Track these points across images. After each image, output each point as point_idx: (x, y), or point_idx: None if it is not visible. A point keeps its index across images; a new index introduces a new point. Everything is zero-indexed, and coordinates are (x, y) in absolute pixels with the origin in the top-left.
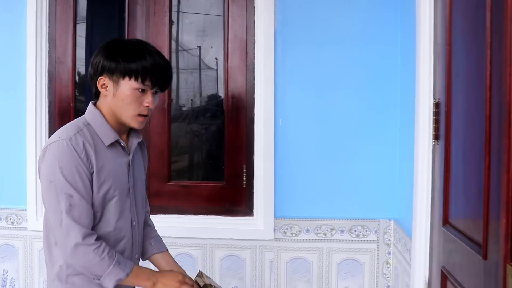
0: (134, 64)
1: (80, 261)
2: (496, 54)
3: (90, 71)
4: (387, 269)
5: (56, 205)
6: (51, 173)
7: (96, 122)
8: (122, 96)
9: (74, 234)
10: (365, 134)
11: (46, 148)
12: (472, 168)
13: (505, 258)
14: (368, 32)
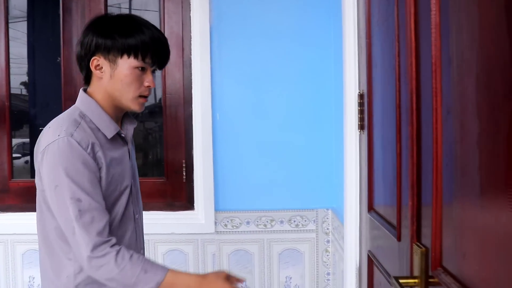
0: (133, 40)
1: (100, 275)
2: (403, 46)
3: (79, 52)
4: (327, 257)
5: (66, 212)
6: (55, 177)
7: (93, 113)
8: (121, 76)
9: (84, 247)
10: (301, 127)
11: (45, 150)
12: (389, 156)
13: (411, 238)
14: (303, 28)
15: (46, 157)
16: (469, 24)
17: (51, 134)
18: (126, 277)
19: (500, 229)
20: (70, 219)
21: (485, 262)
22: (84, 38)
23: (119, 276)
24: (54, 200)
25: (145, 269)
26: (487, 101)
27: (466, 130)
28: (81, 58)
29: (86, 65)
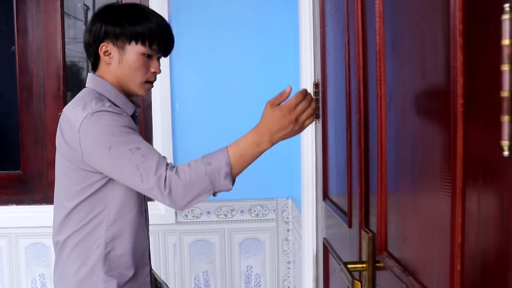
0: (141, 27)
1: (188, 196)
2: (352, 35)
3: (88, 39)
4: (287, 245)
5: (130, 166)
6: (105, 142)
7: (110, 93)
8: (129, 62)
9: (161, 186)
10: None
11: (81, 126)
12: (341, 144)
13: (360, 224)
14: (262, 18)
15: (86, 131)
16: (407, 13)
17: (81, 111)
18: (199, 183)
19: (434, 212)
20: (136, 169)
21: (422, 244)
22: (92, 25)
23: (198, 182)
24: (112, 161)
25: (208, 162)
26: (422, 89)
27: (405, 117)
28: (89, 45)
29: (95, 51)
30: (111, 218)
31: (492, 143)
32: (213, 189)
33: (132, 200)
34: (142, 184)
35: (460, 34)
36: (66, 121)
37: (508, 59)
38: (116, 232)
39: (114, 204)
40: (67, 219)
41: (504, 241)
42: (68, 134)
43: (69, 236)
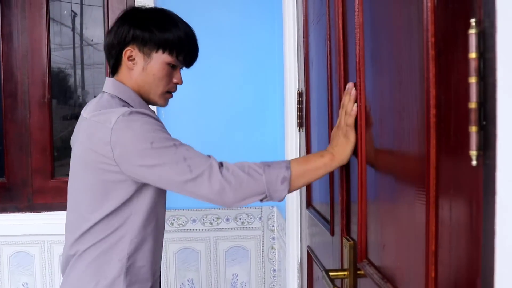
0: (170, 35)
1: (240, 192)
2: (334, 45)
3: (111, 41)
4: (272, 253)
5: (175, 157)
6: (145, 137)
7: (134, 101)
8: (154, 71)
9: (213, 177)
10: (247, 124)
11: (113, 129)
12: None
13: (342, 232)
14: (247, 26)
15: (122, 128)
16: (385, 25)
17: (114, 112)
18: (255, 180)
19: (410, 221)
20: (182, 161)
21: (399, 251)
22: (118, 27)
23: (252, 184)
24: (154, 157)
25: (268, 165)
26: (399, 99)
27: (384, 127)
28: (112, 47)
29: (117, 54)
30: (135, 231)
31: (462, 153)
32: (266, 192)
33: (155, 211)
34: (190, 172)
35: (432, 47)
36: (93, 124)
37: (474, 71)
38: (139, 244)
39: (138, 217)
40: (88, 232)
41: (474, 247)
42: (97, 136)
43: (88, 248)
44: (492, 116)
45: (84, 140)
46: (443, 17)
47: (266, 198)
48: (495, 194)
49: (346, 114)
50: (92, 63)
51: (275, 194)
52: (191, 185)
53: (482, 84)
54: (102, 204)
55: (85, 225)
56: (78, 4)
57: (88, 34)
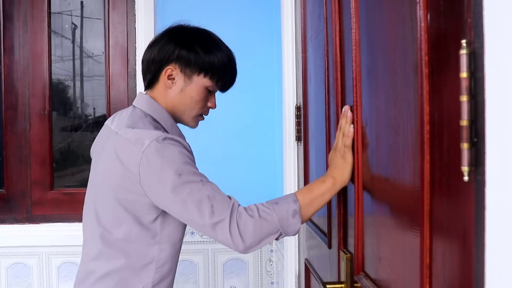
0: (216, 59)
1: (257, 235)
2: (331, 61)
3: (154, 56)
4: (270, 266)
5: (199, 195)
6: (175, 168)
7: (167, 122)
8: (193, 93)
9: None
10: (245, 137)
11: (145, 151)
12: (321, 166)
13: (339, 245)
14: (246, 41)
15: (154, 153)
16: (380, 43)
17: (147, 133)
18: (270, 222)
19: (404, 235)
20: (204, 199)
21: (394, 264)
22: (165, 44)
23: (266, 226)
24: (179, 189)
25: (275, 202)
26: (394, 115)
27: (379, 142)
28: (153, 62)
29: (157, 70)
30: (163, 260)
31: (454, 168)
32: (280, 230)
33: (181, 239)
34: (211, 216)
35: (425, 65)
36: (124, 142)
37: (465, 90)
38: (165, 274)
39: (165, 247)
40: (111, 249)
41: (466, 260)
42: (127, 154)
43: (114, 270)
44: (482, 133)
45: (112, 155)
46: (436, 37)
47: (282, 235)
48: (485, 208)
49: (344, 135)
50: (92, 75)
51: (289, 229)
52: (209, 230)
53: (473, 102)
54: (126, 220)
55: (108, 240)
56: (79, 17)
57: (88, 47)
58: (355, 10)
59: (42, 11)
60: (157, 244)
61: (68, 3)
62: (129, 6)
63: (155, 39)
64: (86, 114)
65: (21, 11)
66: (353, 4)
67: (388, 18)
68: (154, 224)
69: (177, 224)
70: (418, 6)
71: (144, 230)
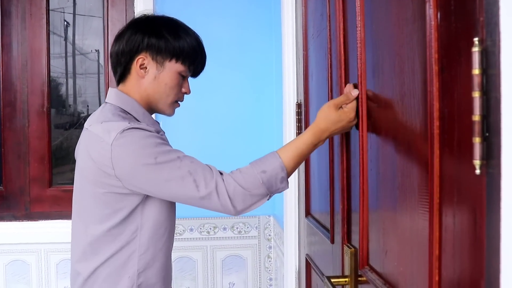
0: (185, 44)
1: (246, 202)
2: (334, 58)
3: (123, 48)
4: (269, 262)
5: (181, 172)
6: (148, 152)
7: (138, 112)
8: (166, 80)
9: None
10: (244, 135)
11: (114, 142)
12: (323, 163)
13: (342, 239)
14: (245, 36)
15: (122, 144)
16: (387, 41)
17: (114, 125)
18: (257, 191)
19: (413, 227)
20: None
21: (402, 257)
22: (131, 35)
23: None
24: (158, 171)
25: (262, 170)
26: (401, 112)
27: (386, 138)
28: (122, 54)
29: (127, 61)
30: (144, 246)
31: (465, 162)
32: (269, 194)
33: (164, 224)
34: (196, 190)
35: (435, 63)
36: (93, 137)
37: (478, 86)
38: (149, 261)
39: (145, 231)
40: (94, 247)
41: (477, 252)
42: (96, 150)
43: (98, 267)
44: (496, 128)
45: (84, 153)
46: (446, 35)
47: (270, 197)
48: (500, 200)
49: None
50: (85, 72)
51: (277, 191)
52: (198, 202)
53: (485, 98)
54: (106, 215)
55: (87, 239)
56: (79, 14)
57: (87, 44)
58: (360, 9)
59: (41, 8)
60: (138, 230)
61: (67, 1)
62: (128, 4)
63: (121, 31)
64: (80, 112)
65: (20, 8)
66: (358, 2)
67: (395, 17)
68: (134, 213)
69: (158, 209)
70: (427, 5)
71: (125, 221)
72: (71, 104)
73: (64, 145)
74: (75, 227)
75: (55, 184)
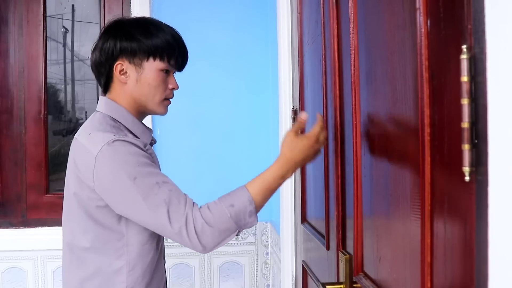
0: (158, 40)
1: (215, 240)
2: (329, 65)
3: (99, 58)
4: (266, 269)
5: (156, 200)
6: (129, 171)
7: (127, 119)
8: (149, 80)
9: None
10: (240, 140)
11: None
12: (319, 170)
13: (337, 246)
14: (242, 45)
15: (106, 157)
16: (379, 48)
17: (100, 137)
18: (225, 226)
19: (406, 234)
20: (161, 204)
21: (395, 264)
22: (103, 43)
23: (221, 228)
24: (135, 194)
25: (231, 204)
26: (393, 118)
27: (379, 145)
28: (100, 64)
29: (107, 70)
30: (132, 263)
31: (455, 169)
32: (238, 229)
33: (150, 240)
34: (168, 223)
35: (426, 70)
36: (80, 148)
37: (466, 93)
38: (138, 277)
39: (133, 248)
40: (79, 257)
41: (468, 259)
42: (82, 160)
43: (85, 281)
44: (484, 135)
45: (71, 163)
46: (436, 42)
47: (240, 232)
48: (487, 207)
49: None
50: (83, 78)
51: (246, 226)
52: (168, 234)
53: (474, 105)
54: (89, 226)
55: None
56: (77, 21)
57: (84, 51)
58: (353, 16)
59: (38, 15)
60: (125, 246)
61: (64, 7)
62: (124, 10)
63: (95, 42)
64: (78, 118)
65: (17, 15)
66: (352, 10)
67: (387, 24)
68: (119, 226)
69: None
70: (418, 12)
71: (110, 234)
72: (69, 110)
73: (61, 152)
74: (64, 239)
75: (52, 191)
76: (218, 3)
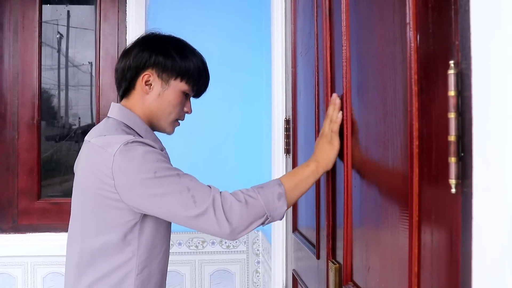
0: (191, 64)
1: (244, 220)
2: (321, 76)
3: (129, 64)
4: (257, 277)
5: (179, 187)
6: (149, 167)
7: (140, 127)
8: (170, 97)
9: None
10: (233, 148)
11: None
12: None
13: (327, 255)
14: (235, 53)
15: (125, 156)
16: (371, 60)
17: (117, 138)
18: (254, 207)
19: (394, 244)
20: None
21: (383, 274)
22: (138, 52)
23: (250, 208)
24: (157, 186)
25: (260, 186)
26: (383, 130)
27: (369, 156)
28: (128, 69)
29: (132, 77)
30: (140, 266)
31: (442, 181)
32: (266, 213)
33: (159, 244)
34: (194, 206)
35: (415, 83)
36: (94, 148)
37: (453, 108)
38: (145, 280)
39: (143, 251)
40: (89, 260)
41: (453, 269)
42: (98, 160)
43: (93, 284)
44: (469, 148)
45: (86, 164)
46: (425, 57)
47: (268, 219)
48: (471, 219)
49: (332, 122)
50: (77, 84)
51: (275, 212)
52: (193, 221)
53: (460, 119)
54: (102, 228)
55: (86, 249)
56: (72, 27)
57: (79, 57)
58: (346, 29)
59: (33, 21)
60: (135, 251)
61: (59, 14)
62: (120, 18)
63: (129, 48)
64: (71, 124)
65: (12, 21)
66: (344, 22)
67: (379, 37)
68: (132, 232)
69: (155, 228)
70: (408, 27)
71: (122, 237)
72: (63, 116)
73: (54, 157)
74: (71, 240)
75: (44, 197)
76: (213, 13)
